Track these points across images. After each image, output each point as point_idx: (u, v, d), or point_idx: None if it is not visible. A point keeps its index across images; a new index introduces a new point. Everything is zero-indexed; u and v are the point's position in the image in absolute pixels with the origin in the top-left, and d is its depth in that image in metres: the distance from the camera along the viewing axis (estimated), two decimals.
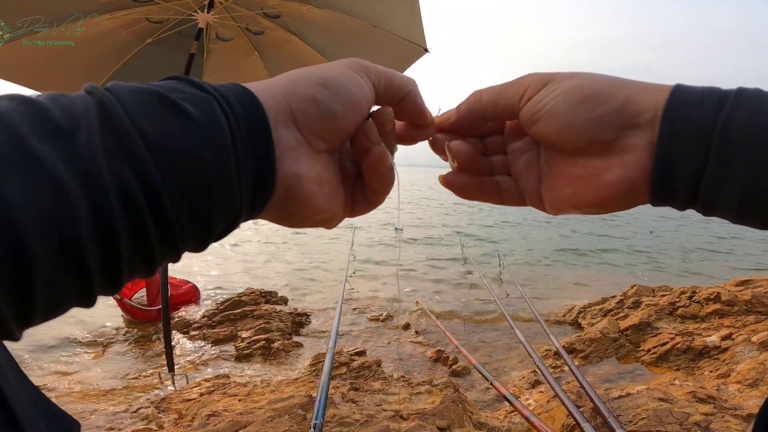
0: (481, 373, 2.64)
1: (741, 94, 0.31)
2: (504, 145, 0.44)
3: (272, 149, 0.31)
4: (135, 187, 0.24)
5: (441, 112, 0.44)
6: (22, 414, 0.30)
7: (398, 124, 0.42)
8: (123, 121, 0.25)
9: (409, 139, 0.43)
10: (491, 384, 2.44)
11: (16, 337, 0.22)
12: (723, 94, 0.31)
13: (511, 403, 2.13)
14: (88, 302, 0.25)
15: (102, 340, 4.62)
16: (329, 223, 0.38)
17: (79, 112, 0.24)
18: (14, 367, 0.33)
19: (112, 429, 2.54)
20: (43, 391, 0.36)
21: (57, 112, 0.24)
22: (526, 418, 1.96)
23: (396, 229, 13.36)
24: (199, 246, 0.30)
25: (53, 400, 0.38)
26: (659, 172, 0.33)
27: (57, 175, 0.22)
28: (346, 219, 0.41)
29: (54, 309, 0.24)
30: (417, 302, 5.93)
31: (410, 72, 3.23)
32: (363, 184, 0.40)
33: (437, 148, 0.44)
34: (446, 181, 0.44)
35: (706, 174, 0.31)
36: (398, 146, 0.42)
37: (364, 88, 0.36)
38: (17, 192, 0.20)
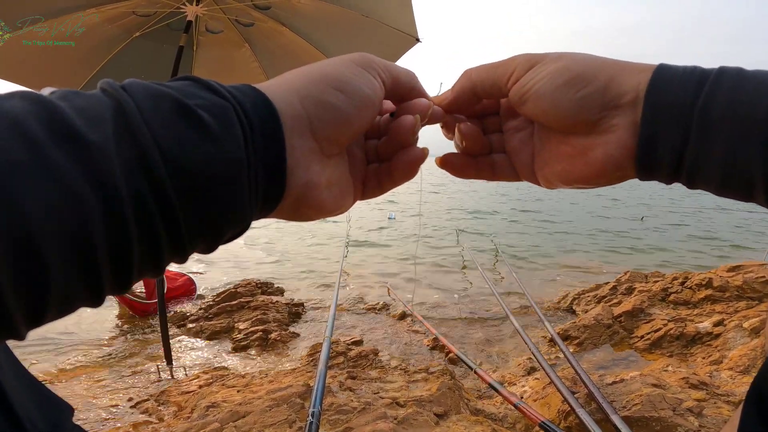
0: (463, 361, 2.67)
1: (722, 72, 0.32)
2: (500, 125, 0.45)
3: (284, 163, 0.31)
4: (150, 200, 0.24)
5: (442, 92, 0.45)
6: (16, 399, 0.31)
7: None
8: (141, 130, 0.24)
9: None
10: (474, 372, 2.46)
11: (22, 337, 0.22)
12: (704, 73, 0.32)
13: (497, 391, 2.16)
14: (97, 304, 0.25)
15: (99, 333, 4.62)
16: (337, 214, 0.39)
17: (96, 115, 0.24)
18: (7, 352, 0.34)
19: (112, 422, 2.56)
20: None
21: (73, 115, 0.23)
22: (515, 405, 1.98)
23: (390, 218, 13.36)
24: (208, 250, 0.30)
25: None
26: (643, 150, 0.34)
27: (74, 185, 0.21)
28: None
29: (63, 311, 0.24)
30: (389, 291, 5.79)
31: (401, 62, 3.23)
32: (379, 172, 0.41)
33: (448, 129, 0.45)
34: (443, 162, 0.46)
35: (687, 150, 0.32)
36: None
37: (375, 87, 0.36)
38: (34, 202, 0.20)
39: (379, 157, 0.42)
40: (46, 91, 0.25)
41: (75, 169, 0.21)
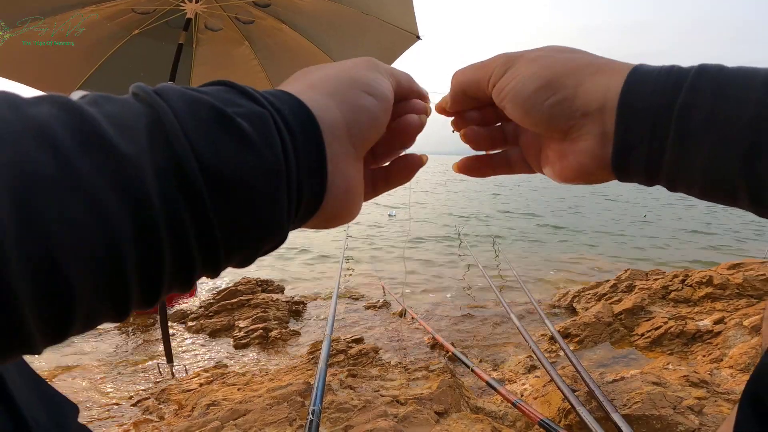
0: (461, 360, 2.67)
1: (700, 75, 0.30)
2: None
3: (325, 171, 0.30)
4: (186, 213, 0.23)
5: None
6: (20, 398, 0.31)
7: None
8: (179, 139, 0.23)
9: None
10: (472, 370, 2.46)
11: (38, 352, 0.21)
12: (681, 74, 0.31)
13: (495, 390, 2.16)
14: (122, 320, 0.24)
15: (99, 331, 4.62)
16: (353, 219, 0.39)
17: (129, 123, 0.22)
18: None
19: (113, 420, 2.56)
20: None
21: (104, 123, 0.21)
22: (513, 404, 1.98)
23: (390, 215, 13.35)
24: (244, 264, 0.29)
25: None
26: (616, 159, 0.34)
27: (103, 200, 0.20)
28: None
29: (85, 328, 0.22)
30: (383, 288, 5.75)
31: (401, 60, 3.21)
32: (374, 175, 0.41)
33: (457, 128, 0.46)
34: (460, 168, 0.46)
35: (664, 159, 0.31)
36: None
37: (390, 90, 0.37)
38: (59, 218, 0.18)
39: (374, 155, 0.41)
40: (76, 95, 0.23)
41: (104, 181, 0.20)
